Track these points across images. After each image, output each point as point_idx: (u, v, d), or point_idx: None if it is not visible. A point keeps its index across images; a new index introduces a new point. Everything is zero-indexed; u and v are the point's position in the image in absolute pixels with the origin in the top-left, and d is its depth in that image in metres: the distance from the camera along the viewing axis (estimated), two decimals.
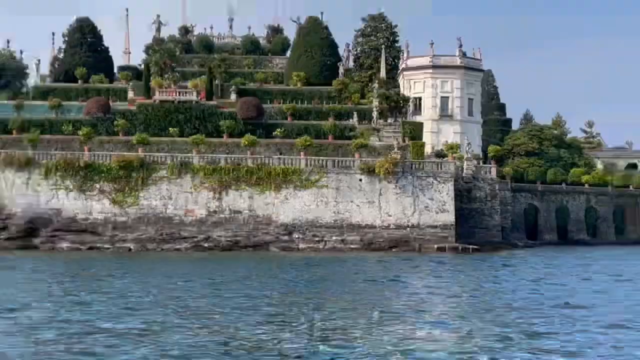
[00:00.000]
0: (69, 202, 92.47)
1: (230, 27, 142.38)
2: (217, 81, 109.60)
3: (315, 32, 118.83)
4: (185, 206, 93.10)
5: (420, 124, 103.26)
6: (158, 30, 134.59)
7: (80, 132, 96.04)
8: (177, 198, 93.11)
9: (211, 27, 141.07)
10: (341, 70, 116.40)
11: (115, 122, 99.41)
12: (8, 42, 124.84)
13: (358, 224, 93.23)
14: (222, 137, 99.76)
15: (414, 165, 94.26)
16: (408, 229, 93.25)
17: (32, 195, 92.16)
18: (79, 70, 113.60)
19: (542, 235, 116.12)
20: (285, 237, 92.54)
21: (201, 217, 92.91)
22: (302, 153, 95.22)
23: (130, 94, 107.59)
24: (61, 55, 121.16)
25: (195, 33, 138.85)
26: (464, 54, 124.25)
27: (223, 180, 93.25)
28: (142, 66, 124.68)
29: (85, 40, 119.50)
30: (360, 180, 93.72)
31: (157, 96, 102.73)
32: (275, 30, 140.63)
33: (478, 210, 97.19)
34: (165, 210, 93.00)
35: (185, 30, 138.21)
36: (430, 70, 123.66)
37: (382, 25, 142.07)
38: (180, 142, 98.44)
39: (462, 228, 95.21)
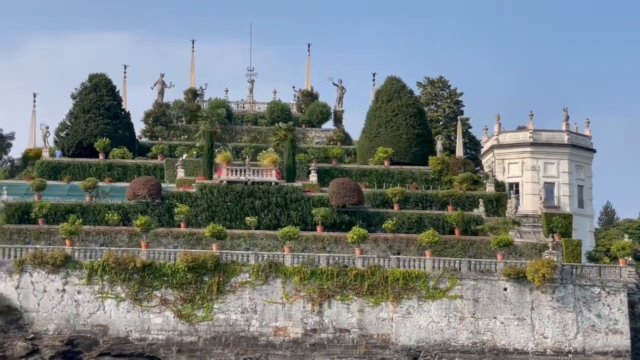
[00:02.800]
0: (119, 315, 68.67)
1: (251, 91, 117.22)
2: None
3: (398, 97, 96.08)
4: (275, 322, 69.63)
5: (569, 216, 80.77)
6: (161, 93, 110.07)
7: (135, 222, 72.30)
8: (264, 311, 69.79)
9: (226, 91, 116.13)
10: (439, 145, 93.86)
11: (176, 209, 75.82)
12: None
13: (504, 348, 70.25)
14: (315, 229, 76.64)
15: (574, 271, 71.78)
16: (570, 355, 70.42)
17: (70, 306, 68.25)
18: (100, 142, 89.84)
19: None
20: None
21: (296, 337, 69.59)
22: (426, 252, 72.49)
23: (180, 173, 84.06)
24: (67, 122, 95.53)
25: (206, 98, 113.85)
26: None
27: (324, 288, 70.20)
28: (142, 137, 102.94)
29: (103, 103, 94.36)
30: (505, 289, 71.07)
31: (225, 176, 79.53)
32: (309, 96, 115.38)
33: None
34: (248, 327, 69.48)
35: (194, 94, 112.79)
36: (530, 149, 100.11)
37: (445, 92, 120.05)
38: (260, 236, 75.24)
39: None
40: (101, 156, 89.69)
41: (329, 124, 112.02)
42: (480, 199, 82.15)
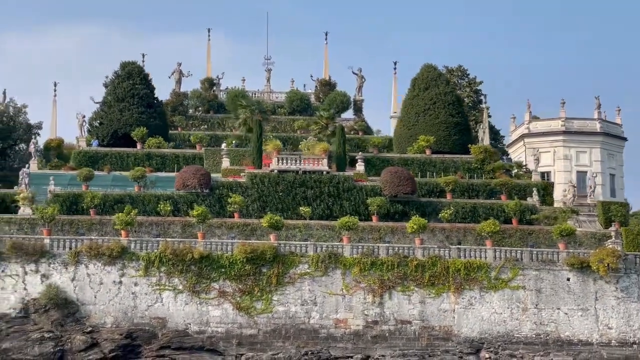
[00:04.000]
0: (177, 308, 67.10)
1: (268, 80, 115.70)
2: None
3: (435, 85, 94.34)
4: (336, 314, 68.18)
5: (627, 205, 79.73)
6: (179, 82, 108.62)
7: (192, 212, 70.63)
8: (324, 303, 68.27)
9: (243, 80, 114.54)
10: (481, 133, 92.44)
11: (229, 199, 74.22)
12: (4, 93, 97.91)
13: (568, 340, 69.01)
14: (368, 219, 75.18)
15: (638, 260, 70.58)
16: (635, 346, 69.31)
17: (128, 299, 66.64)
18: (138, 131, 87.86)
19: None
20: (471, 358, 67.97)
21: (357, 329, 68.08)
22: (487, 242, 71.15)
23: (226, 163, 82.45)
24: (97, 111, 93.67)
25: (222, 87, 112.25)
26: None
27: (385, 279, 68.71)
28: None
29: (137, 91, 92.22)
30: (568, 279, 69.80)
31: (275, 165, 77.92)
32: (327, 85, 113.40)
33: None
34: (308, 319, 67.97)
35: (210, 84, 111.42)
36: (562, 137, 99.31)
37: (464, 81, 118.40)
38: (316, 227, 73.69)
39: None
40: (139, 146, 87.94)
41: (348, 114, 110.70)
42: (534, 188, 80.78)
